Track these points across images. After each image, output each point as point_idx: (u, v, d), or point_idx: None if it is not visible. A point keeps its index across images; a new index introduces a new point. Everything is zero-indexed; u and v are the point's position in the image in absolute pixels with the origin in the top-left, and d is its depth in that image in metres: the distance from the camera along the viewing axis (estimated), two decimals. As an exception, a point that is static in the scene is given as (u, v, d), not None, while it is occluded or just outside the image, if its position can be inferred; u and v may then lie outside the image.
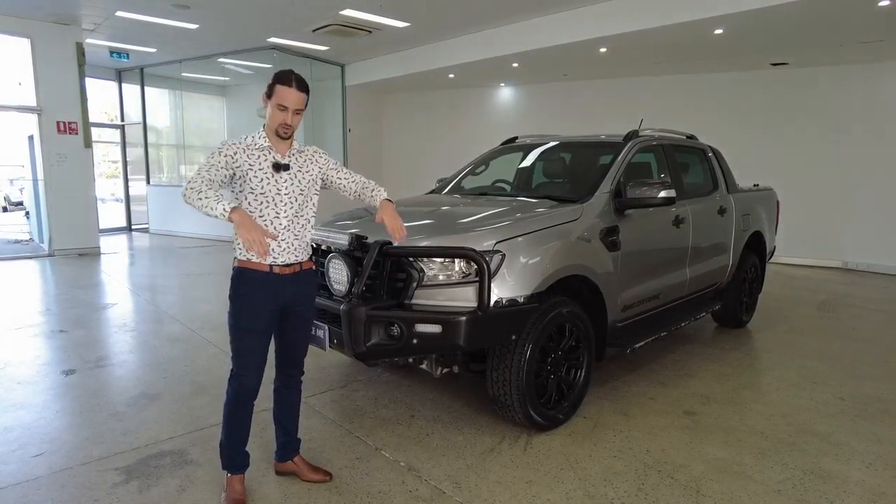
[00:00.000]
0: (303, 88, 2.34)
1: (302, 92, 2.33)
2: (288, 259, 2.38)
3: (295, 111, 2.32)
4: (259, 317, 2.36)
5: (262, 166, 2.33)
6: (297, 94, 2.31)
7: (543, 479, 2.65)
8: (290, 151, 2.43)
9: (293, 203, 2.40)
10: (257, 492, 2.55)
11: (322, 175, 2.54)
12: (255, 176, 2.33)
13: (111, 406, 3.44)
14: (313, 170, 2.49)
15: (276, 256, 2.35)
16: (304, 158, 2.48)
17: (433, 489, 2.56)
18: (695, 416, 3.35)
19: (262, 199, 2.35)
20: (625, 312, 3.62)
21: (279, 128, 2.32)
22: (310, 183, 2.47)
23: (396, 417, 3.30)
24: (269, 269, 2.35)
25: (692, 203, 4.28)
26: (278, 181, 2.36)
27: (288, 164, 2.38)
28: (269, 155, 2.36)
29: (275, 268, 2.35)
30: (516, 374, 2.88)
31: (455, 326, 2.63)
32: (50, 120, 8.36)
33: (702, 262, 4.41)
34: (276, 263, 2.35)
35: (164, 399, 3.56)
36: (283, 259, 2.37)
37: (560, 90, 10.69)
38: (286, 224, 2.39)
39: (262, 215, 2.36)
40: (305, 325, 2.56)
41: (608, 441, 3.03)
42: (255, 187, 2.33)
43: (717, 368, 4.17)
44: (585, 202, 3.42)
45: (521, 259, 2.86)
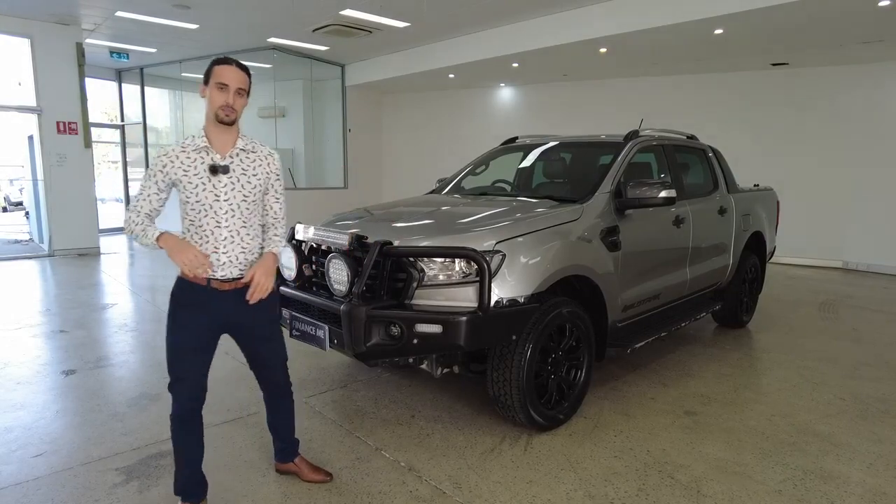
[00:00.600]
0: (243, 69, 2.14)
1: (243, 72, 2.13)
2: (229, 273, 2.17)
3: (237, 91, 2.10)
4: (191, 332, 2.18)
5: (197, 170, 2.10)
6: (238, 72, 2.11)
7: (544, 479, 2.65)
8: (233, 150, 2.16)
9: (235, 211, 2.15)
10: (258, 492, 2.54)
11: (267, 184, 2.27)
12: (189, 182, 2.10)
13: (111, 406, 3.44)
14: (261, 173, 2.22)
15: (214, 270, 2.14)
16: (252, 160, 2.21)
17: (433, 489, 2.56)
18: (695, 417, 3.35)
19: (199, 207, 2.11)
20: (625, 312, 3.61)
21: (220, 110, 2.08)
22: (256, 188, 2.20)
23: (397, 417, 3.29)
24: (207, 283, 2.15)
25: (692, 203, 4.28)
26: (216, 186, 2.11)
27: (227, 165, 2.12)
28: (206, 156, 2.12)
29: (213, 282, 2.15)
30: (517, 375, 2.88)
31: (455, 326, 2.63)
32: (50, 120, 8.36)
33: (702, 263, 4.41)
34: (214, 277, 2.15)
35: (164, 399, 3.55)
36: (222, 273, 2.15)
37: (560, 90, 10.69)
38: (228, 236, 2.15)
39: (201, 226, 2.13)
40: (265, 342, 2.36)
41: (609, 441, 3.03)
42: (191, 195, 2.10)
43: (717, 368, 4.17)
44: (586, 202, 3.41)
45: (521, 259, 2.86)
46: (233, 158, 2.16)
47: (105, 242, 10.75)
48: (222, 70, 2.11)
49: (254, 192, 2.20)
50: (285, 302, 3.27)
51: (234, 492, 2.55)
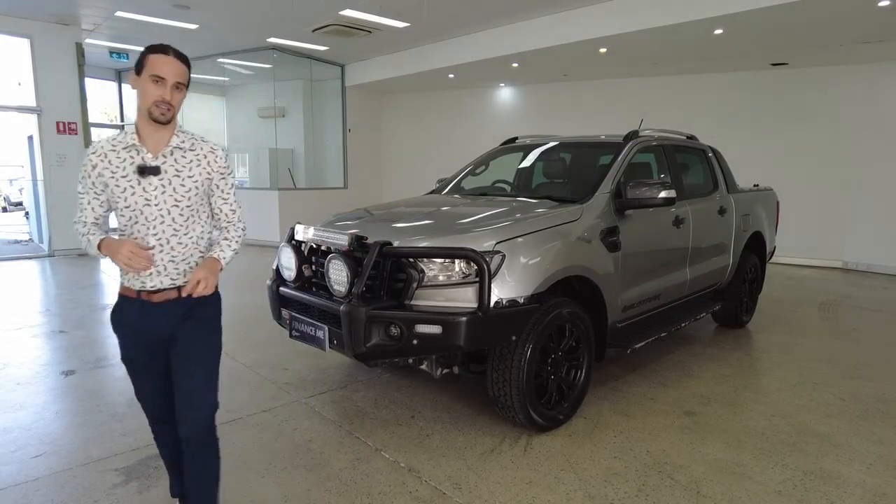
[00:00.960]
0: (183, 60, 1.88)
1: (182, 63, 1.87)
2: (158, 283, 1.94)
3: (175, 85, 1.84)
4: (133, 351, 2.02)
5: (126, 171, 1.88)
6: (177, 64, 1.85)
7: (544, 479, 2.65)
8: (166, 149, 1.91)
9: (166, 217, 1.92)
10: (256, 493, 2.54)
11: (210, 184, 2.01)
12: (117, 185, 1.88)
13: (111, 407, 3.44)
14: (198, 174, 1.96)
15: (143, 280, 1.93)
16: (189, 159, 1.95)
17: (433, 490, 2.56)
18: (695, 417, 3.35)
19: (128, 213, 1.90)
20: (625, 313, 3.61)
21: (154, 107, 1.83)
22: (192, 191, 1.95)
23: (397, 418, 3.29)
24: (137, 295, 1.95)
25: (692, 203, 4.28)
26: (146, 189, 1.88)
27: (157, 165, 1.88)
28: (136, 156, 1.88)
29: (142, 293, 1.94)
30: (516, 375, 2.88)
31: (455, 327, 2.63)
32: (49, 120, 8.37)
33: (702, 263, 4.41)
34: (143, 289, 1.93)
35: (163, 400, 3.56)
36: (151, 283, 1.93)
37: (560, 90, 10.69)
38: (157, 245, 1.93)
39: (132, 234, 1.92)
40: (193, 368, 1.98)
41: (608, 442, 3.03)
42: (119, 198, 1.89)
43: (717, 369, 4.17)
44: (586, 202, 3.41)
45: (521, 259, 2.86)
46: (165, 158, 1.91)
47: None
48: (158, 60, 1.83)
49: (188, 195, 1.94)
50: (285, 302, 3.27)
51: (233, 492, 2.54)
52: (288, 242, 3.23)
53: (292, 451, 2.92)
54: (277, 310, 3.31)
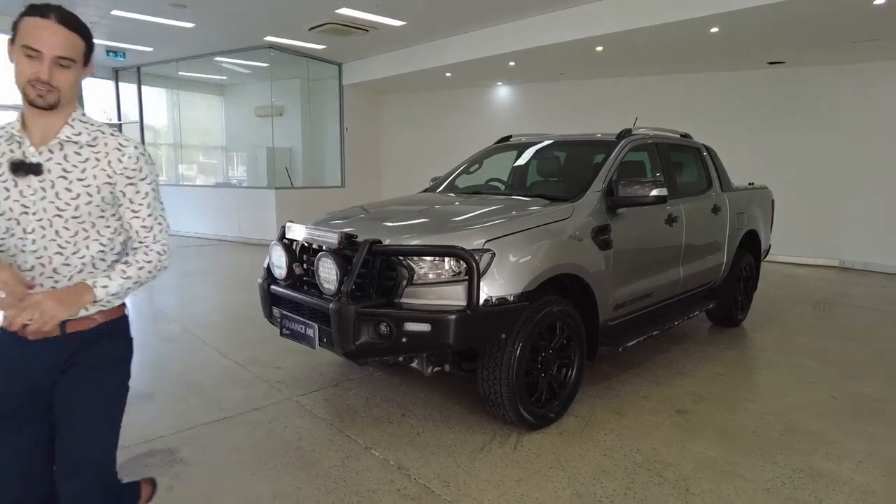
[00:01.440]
0: (71, 24, 1.43)
1: (68, 29, 1.42)
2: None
3: (57, 60, 1.41)
4: (4, 402, 1.53)
5: (2, 169, 1.49)
6: (60, 31, 1.40)
7: (533, 477, 2.65)
8: (54, 142, 1.50)
9: (48, 230, 1.50)
10: (247, 491, 2.54)
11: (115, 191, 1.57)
12: None
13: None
14: (95, 177, 1.53)
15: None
16: (85, 157, 1.52)
17: (422, 488, 2.56)
18: (687, 415, 3.35)
19: (3, 222, 1.50)
20: (617, 311, 3.61)
21: (28, 87, 1.42)
22: (83, 198, 1.52)
23: (388, 416, 3.29)
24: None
25: (685, 202, 4.27)
26: (23, 191, 1.48)
27: (37, 163, 1.48)
28: (18, 149, 1.49)
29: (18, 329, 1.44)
30: (506, 373, 2.88)
31: (444, 325, 2.63)
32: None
33: (695, 261, 4.41)
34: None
35: (156, 398, 3.56)
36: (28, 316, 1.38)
37: (558, 89, 10.68)
38: (36, 264, 1.51)
39: (8, 248, 1.52)
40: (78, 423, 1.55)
41: (599, 440, 3.03)
42: None
43: (711, 367, 4.17)
44: (577, 201, 3.41)
45: (511, 258, 2.86)
46: (52, 153, 1.50)
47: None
48: (34, 27, 1.39)
49: (75, 203, 1.51)
50: (276, 301, 3.27)
51: (224, 490, 2.55)
52: (279, 241, 3.22)
53: (283, 449, 2.92)
54: (269, 308, 3.31)
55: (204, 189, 12.32)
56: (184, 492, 2.54)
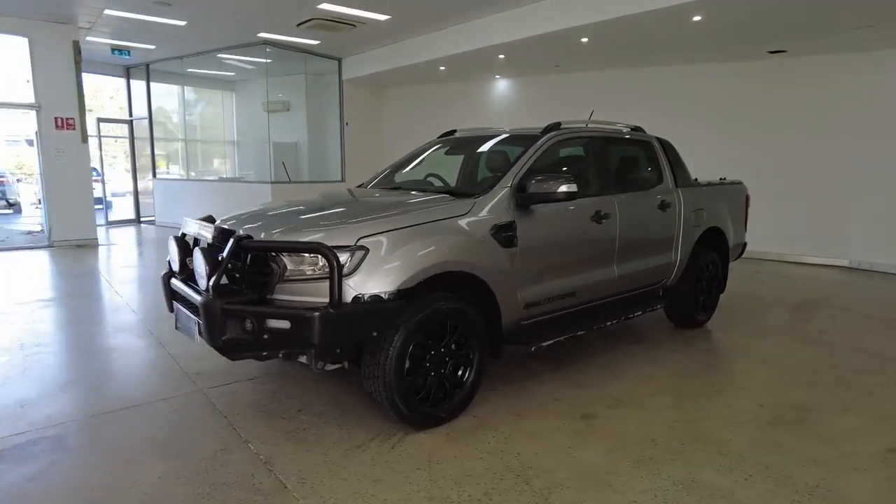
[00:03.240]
0: None
1: None
2: None
3: None
4: None
5: None
6: None
7: (394, 478, 2.60)
8: None
9: None
10: (114, 480, 2.58)
11: None
12: None
13: (24, 391, 3.55)
14: None
15: None
16: None
17: (277, 483, 2.54)
18: (592, 420, 3.22)
19: None
20: (529, 310, 3.51)
21: None
22: None
23: (284, 411, 3.29)
24: None
25: (623, 198, 4.11)
26: None
27: None
28: None
29: None
30: (383, 371, 2.83)
31: (305, 322, 2.60)
32: (48, 116, 8.72)
33: (635, 260, 4.24)
34: None
35: (78, 384, 3.66)
36: None
37: (554, 82, 10.46)
38: None
39: None
40: None
41: (484, 442, 2.95)
42: None
43: (648, 371, 4.00)
44: (479, 197, 3.32)
45: (387, 255, 2.80)
46: None
47: (113, 233, 11.21)
48: None
49: None
50: (175, 295, 3.31)
51: (92, 478, 2.59)
52: (174, 236, 3.26)
53: (169, 439, 2.96)
54: (169, 301, 3.35)
55: (210, 184, 12.62)
56: (52, 478, 2.59)
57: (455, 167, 4.57)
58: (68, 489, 2.52)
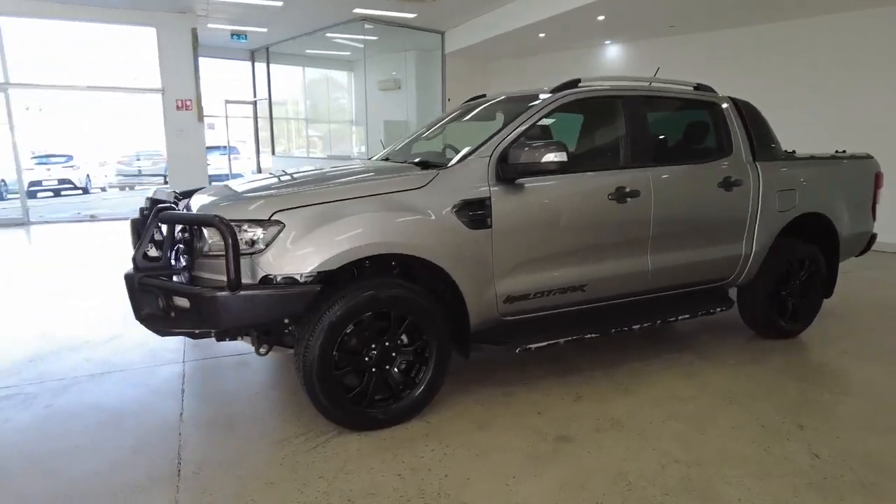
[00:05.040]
0: None
1: None
2: None
3: None
4: None
5: None
6: None
7: (288, 484, 2.30)
8: None
9: None
10: (51, 447, 2.62)
11: None
12: None
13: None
14: None
15: None
16: None
17: (171, 471, 2.38)
18: (566, 444, 2.62)
19: None
20: (511, 305, 2.95)
21: None
22: None
23: (236, 394, 3.14)
24: None
25: (659, 172, 3.30)
26: None
27: None
28: None
29: None
30: (303, 363, 2.53)
31: (201, 303, 2.38)
32: (171, 99, 9.62)
33: (681, 250, 3.42)
34: None
35: (92, 346, 3.88)
36: None
37: (669, 45, 9.14)
38: None
39: None
40: None
41: (417, 455, 2.52)
42: None
43: (678, 388, 3.22)
44: (444, 168, 2.83)
45: (306, 231, 2.47)
46: None
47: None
48: None
49: None
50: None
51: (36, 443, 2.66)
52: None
53: (115, 410, 2.96)
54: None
55: (327, 162, 13.19)
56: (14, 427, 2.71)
57: (484, 135, 4.03)
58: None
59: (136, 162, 15.84)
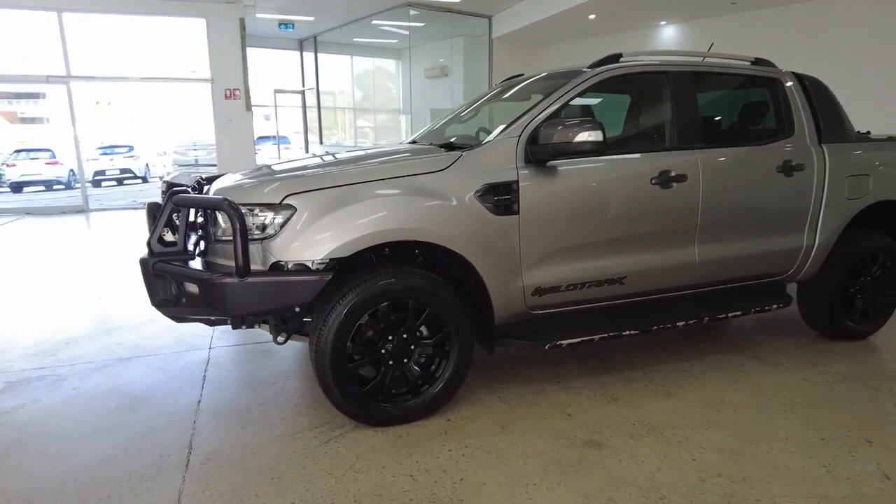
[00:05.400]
0: None
1: None
2: None
3: None
4: None
5: None
6: None
7: (295, 480, 2.20)
8: None
9: None
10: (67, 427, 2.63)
11: None
12: None
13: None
14: None
15: None
16: None
17: (181, 462, 2.32)
18: (595, 451, 2.41)
19: None
20: (541, 297, 2.75)
21: None
22: None
23: (257, 383, 3.07)
24: None
25: (710, 154, 3.00)
26: None
27: None
28: None
29: None
30: (317, 353, 2.42)
31: (208, 289, 2.30)
32: (219, 88, 9.79)
33: (733, 241, 3.11)
34: None
35: (125, 329, 3.93)
36: None
37: (730, 24, 8.54)
38: None
39: None
40: None
41: (433, 456, 2.36)
42: None
43: (723, 393, 2.92)
44: (468, 150, 2.64)
45: (319, 216, 2.34)
46: None
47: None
48: None
49: None
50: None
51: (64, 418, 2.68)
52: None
53: (128, 393, 2.95)
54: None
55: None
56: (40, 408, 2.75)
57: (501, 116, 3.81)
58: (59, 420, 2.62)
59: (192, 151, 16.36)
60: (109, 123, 21.69)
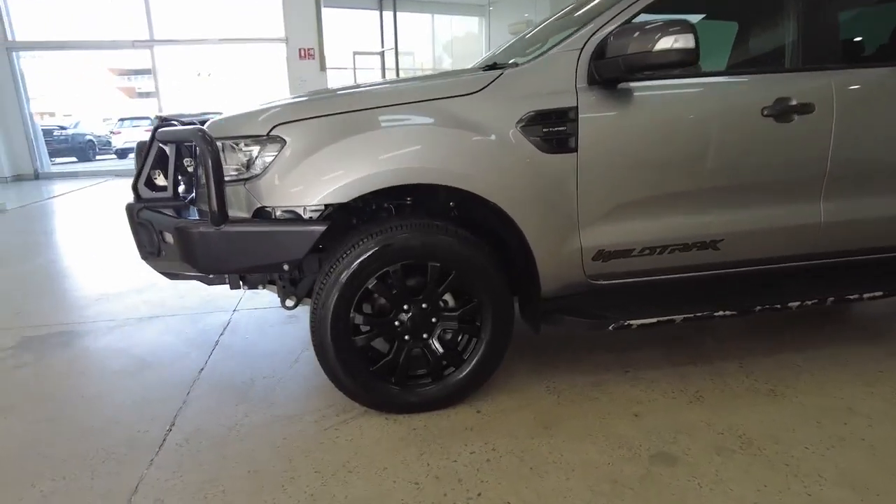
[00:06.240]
0: None
1: None
2: None
3: None
4: None
5: None
6: None
7: (273, 476, 1.79)
8: None
9: None
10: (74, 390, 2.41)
11: None
12: None
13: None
14: None
15: None
16: None
17: (156, 441, 1.99)
18: (666, 469, 1.79)
19: None
20: (605, 263, 2.13)
21: None
22: None
23: (269, 353, 2.71)
24: None
25: (849, 76, 2.19)
26: None
27: None
28: None
29: None
30: (315, 325, 1.98)
31: (182, 239, 1.90)
32: (294, 48, 9.61)
33: (874, 197, 2.30)
34: None
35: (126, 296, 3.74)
36: None
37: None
38: None
39: None
40: None
41: (450, 457, 1.86)
42: None
43: (857, 399, 2.17)
44: (509, 69, 2.04)
45: (313, 150, 1.87)
46: None
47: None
48: None
49: None
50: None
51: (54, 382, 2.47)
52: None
53: (127, 357, 2.69)
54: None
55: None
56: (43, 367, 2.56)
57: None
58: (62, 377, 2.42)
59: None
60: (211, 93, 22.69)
